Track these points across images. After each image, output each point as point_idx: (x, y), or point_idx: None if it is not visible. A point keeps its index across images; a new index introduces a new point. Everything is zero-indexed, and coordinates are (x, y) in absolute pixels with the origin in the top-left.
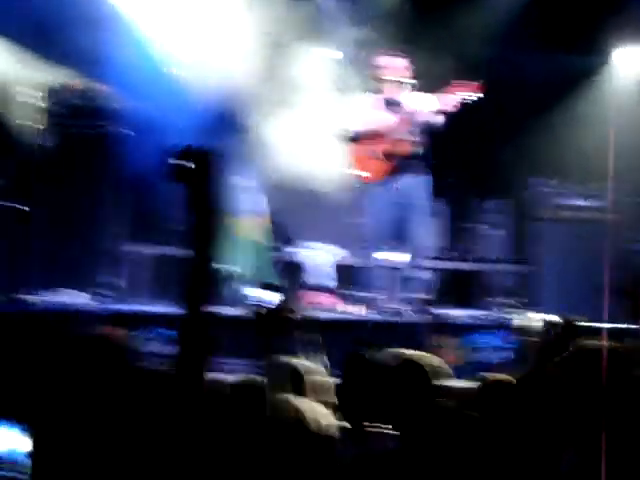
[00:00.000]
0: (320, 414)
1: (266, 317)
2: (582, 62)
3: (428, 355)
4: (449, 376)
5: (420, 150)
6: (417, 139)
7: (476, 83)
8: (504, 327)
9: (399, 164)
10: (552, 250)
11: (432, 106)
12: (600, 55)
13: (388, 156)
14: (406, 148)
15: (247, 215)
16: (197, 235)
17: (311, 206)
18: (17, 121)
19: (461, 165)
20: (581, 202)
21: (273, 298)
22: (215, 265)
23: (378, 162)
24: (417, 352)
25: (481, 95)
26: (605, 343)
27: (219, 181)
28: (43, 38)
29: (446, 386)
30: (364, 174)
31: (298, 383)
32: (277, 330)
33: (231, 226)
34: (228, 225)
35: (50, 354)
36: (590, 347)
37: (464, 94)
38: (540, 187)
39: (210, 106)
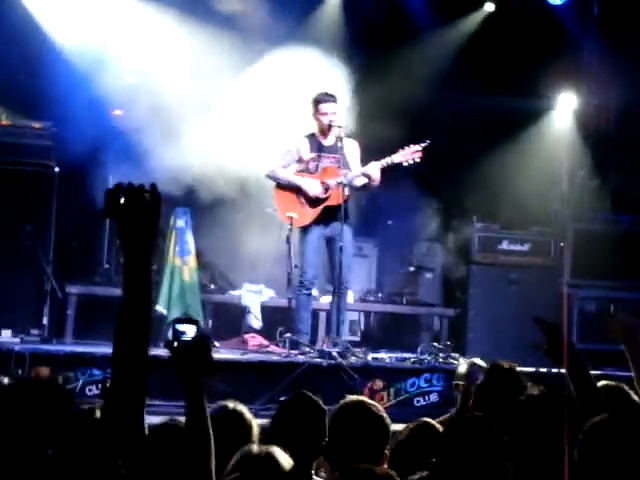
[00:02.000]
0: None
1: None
2: (524, 106)
3: (367, 400)
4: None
5: (350, 194)
6: (348, 183)
7: (420, 148)
8: (433, 370)
9: (328, 208)
10: (484, 294)
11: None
12: (541, 99)
13: (317, 200)
14: (336, 193)
15: (177, 255)
16: (129, 273)
17: (241, 246)
18: None
19: (395, 207)
20: (514, 246)
21: (190, 331)
22: (147, 304)
23: (308, 206)
24: (357, 397)
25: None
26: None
27: (154, 220)
28: None
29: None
30: (294, 216)
31: (241, 427)
32: (194, 364)
33: (162, 265)
34: (160, 264)
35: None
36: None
37: (408, 158)
38: (474, 231)
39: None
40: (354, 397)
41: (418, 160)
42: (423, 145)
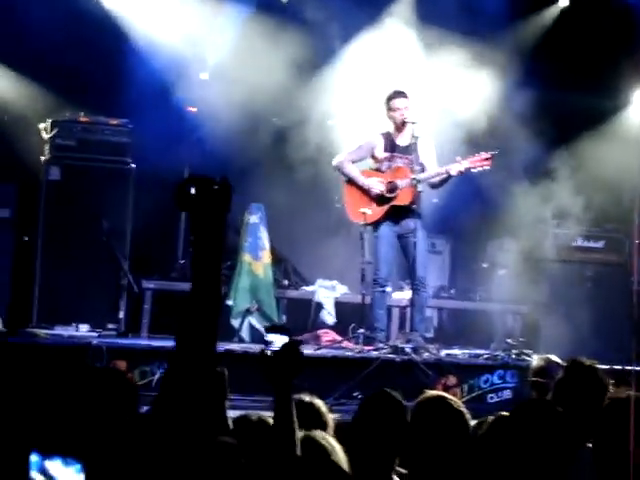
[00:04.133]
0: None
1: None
2: (599, 102)
3: (447, 395)
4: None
5: (420, 191)
6: (418, 181)
7: (490, 156)
8: (506, 367)
9: (397, 207)
10: (558, 291)
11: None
12: (616, 95)
13: (383, 199)
14: (406, 193)
15: (251, 250)
16: (201, 265)
17: (315, 242)
18: (25, 154)
19: (469, 203)
20: (589, 243)
21: (279, 340)
22: (216, 297)
23: (375, 204)
24: (436, 392)
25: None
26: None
27: (224, 211)
28: (53, 71)
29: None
30: (367, 212)
31: (317, 420)
32: (284, 372)
33: (235, 260)
34: (235, 261)
35: (56, 386)
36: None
37: (477, 165)
38: (549, 227)
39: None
40: (433, 392)
41: (488, 168)
42: (493, 153)
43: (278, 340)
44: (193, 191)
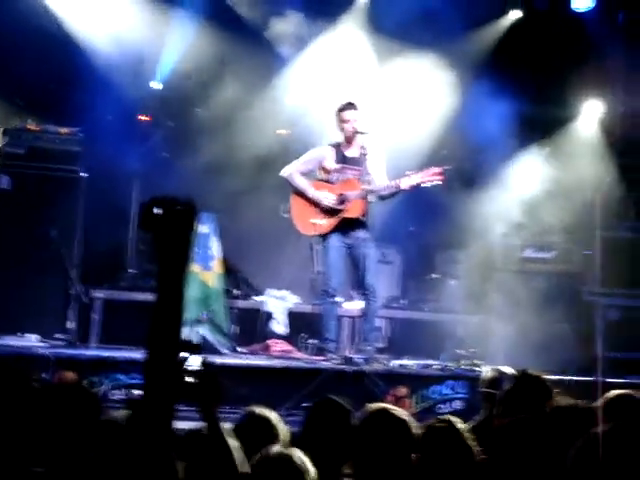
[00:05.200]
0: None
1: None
2: (549, 113)
3: (390, 406)
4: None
5: (370, 202)
6: (368, 192)
7: (441, 170)
8: (457, 377)
9: (346, 219)
10: (507, 301)
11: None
12: (566, 106)
13: (333, 211)
14: (355, 205)
15: (200, 260)
16: (164, 280)
17: (266, 252)
18: None
19: (420, 214)
20: (539, 254)
21: (194, 362)
22: (179, 314)
23: (324, 216)
24: (383, 404)
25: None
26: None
27: (189, 230)
28: (2, 79)
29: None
30: (318, 222)
31: (269, 433)
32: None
33: (189, 271)
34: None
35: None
36: (565, 405)
37: (427, 180)
38: (498, 238)
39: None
40: (376, 404)
41: (439, 182)
42: (445, 168)
43: (194, 361)
44: (158, 211)
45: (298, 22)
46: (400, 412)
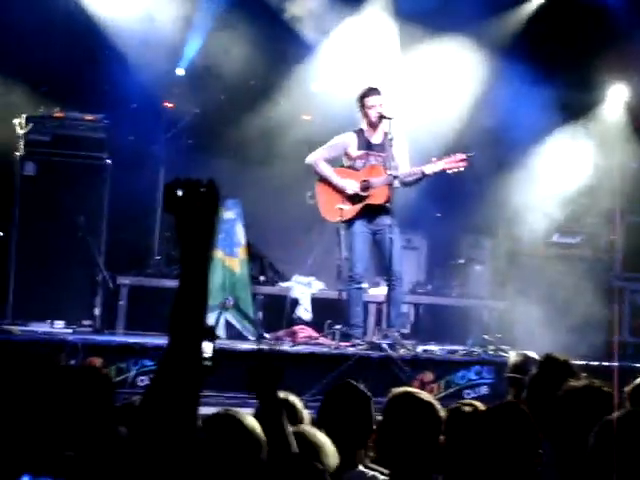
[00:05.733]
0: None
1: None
2: (575, 98)
3: (415, 389)
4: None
5: (395, 187)
6: (394, 177)
7: (465, 157)
8: (483, 363)
9: (371, 206)
10: (534, 286)
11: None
12: (592, 91)
13: (357, 198)
14: (380, 191)
15: (224, 246)
16: (188, 263)
17: (291, 238)
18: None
19: (445, 199)
20: (565, 239)
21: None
22: (203, 299)
23: (349, 202)
24: (404, 388)
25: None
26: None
27: (212, 213)
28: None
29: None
30: (344, 207)
31: (293, 416)
32: (265, 384)
33: (213, 257)
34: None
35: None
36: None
37: (453, 166)
38: (525, 223)
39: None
40: (401, 388)
41: (462, 169)
42: (469, 155)
43: (207, 348)
44: (180, 193)
45: (323, 6)
46: (425, 395)
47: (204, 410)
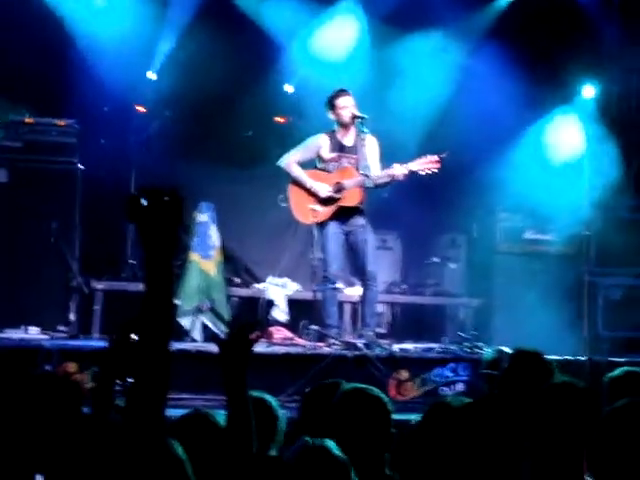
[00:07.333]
0: None
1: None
2: (546, 94)
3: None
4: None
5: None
6: (367, 176)
7: (438, 158)
8: (459, 360)
9: (343, 207)
10: (508, 283)
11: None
12: (564, 87)
13: (330, 200)
14: (352, 193)
15: (199, 249)
16: (152, 271)
17: (265, 240)
18: None
19: (419, 199)
20: (538, 236)
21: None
22: (168, 304)
23: (321, 205)
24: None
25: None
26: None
27: (175, 222)
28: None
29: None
30: (316, 208)
31: (269, 416)
32: (238, 361)
33: (186, 260)
34: (183, 259)
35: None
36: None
37: (425, 167)
38: (498, 220)
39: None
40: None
41: (436, 171)
42: (442, 156)
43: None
44: (144, 202)
45: (294, 7)
46: (375, 390)
47: (178, 412)
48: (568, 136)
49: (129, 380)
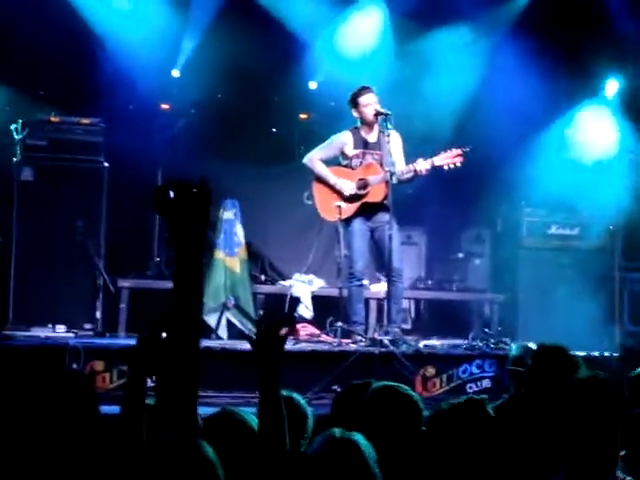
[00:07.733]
0: None
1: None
2: (570, 89)
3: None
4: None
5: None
6: (392, 173)
7: (461, 152)
8: (485, 356)
9: (368, 204)
10: (533, 278)
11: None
12: (588, 82)
13: (355, 197)
14: (377, 189)
15: (225, 246)
16: (181, 267)
17: (291, 237)
18: None
19: (444, 194)
20: (563, 230)
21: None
22: (198, 298)
23: (346, 202)
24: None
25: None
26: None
27: (203, 214)
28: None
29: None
30: (342, 205)
31: (296, 414)
32: (272, 358)
33: (211, 257)
34: (208, 257)
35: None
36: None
37: (449, 162)
38: (523, 215)
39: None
40: (380, 383)
41: (459, 165)
42: (465, 149)
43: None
44: (172, 195)
45: (317, 3)
46: (403, 387)
47: (203, 410)
48: (596, 131)
49: (155, 379)
